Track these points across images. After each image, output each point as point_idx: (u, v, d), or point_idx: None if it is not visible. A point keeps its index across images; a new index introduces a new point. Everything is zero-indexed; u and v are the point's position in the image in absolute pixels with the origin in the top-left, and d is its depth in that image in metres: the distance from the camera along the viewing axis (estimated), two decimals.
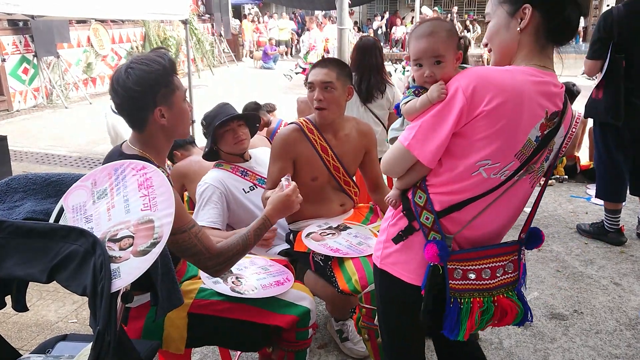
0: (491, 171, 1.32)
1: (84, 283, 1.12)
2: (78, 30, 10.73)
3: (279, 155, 2.30)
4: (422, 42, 1.40)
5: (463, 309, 1.38)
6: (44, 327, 2.78)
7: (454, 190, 1.36)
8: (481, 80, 1.27)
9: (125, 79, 1.51)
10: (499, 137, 1.28)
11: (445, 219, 1.38)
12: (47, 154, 6.61)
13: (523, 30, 1.33)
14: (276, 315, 1.84)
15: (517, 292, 1.48)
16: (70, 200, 1.31)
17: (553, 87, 1.33)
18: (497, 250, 1.42)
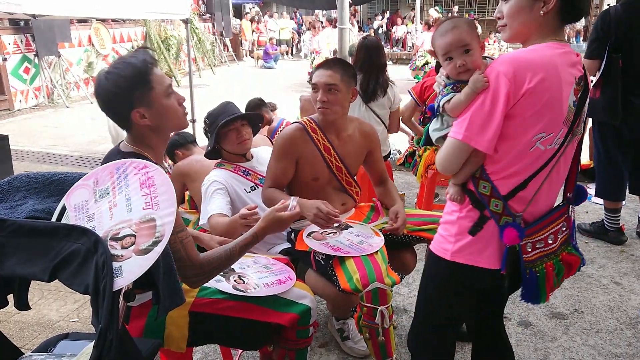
0: (547, 142, 1.43)
1: (86, 281, 1.13)
2: (79, 29, 10.74)
3: (282, 155, 2.30)
4: (448, 35, 1.50)
5: (540, 276, 1.52)
6: (45, 326, 2.79)
7: (517, 171, 1.45)
8: (518, 63, 1.38)
9: (104, 83, 1.52)
10: (548, 109, 1.38)
11: (512, 200, 1.48)
12: (48, 153, 6.62)
13: (546, 13, 1.43)
14: (277, 314, 1.84)
15: (573, 244, 1.64)
16: (72, 199, 1.32)
17: (573, 56, 1.46)
18: (555, 215, 1.54)
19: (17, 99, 9.37)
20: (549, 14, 1.43)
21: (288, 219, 1.78)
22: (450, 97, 1.48)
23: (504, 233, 1.46)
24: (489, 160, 1.47)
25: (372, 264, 2.03)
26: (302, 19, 21.98)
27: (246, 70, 15.90)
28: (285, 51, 19.11)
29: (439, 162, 1.53)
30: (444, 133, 1.55)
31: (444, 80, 1.53)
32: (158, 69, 1.60)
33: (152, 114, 1.57)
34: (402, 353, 2.50)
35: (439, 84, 1.55)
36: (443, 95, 1.51)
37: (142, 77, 1.53)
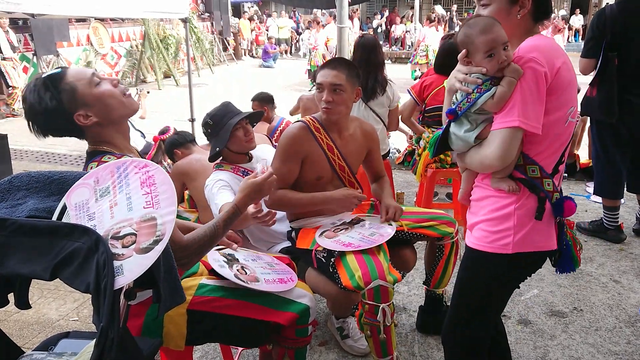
0: (575, 115, 1.56)
1: (87, 280, 1.13)
2: (78, 29, 10.72)
3: (289, 155, 2.29)
4: (491, 33, 1.54)
5: (570, 243, 1.64)
6: (45, 325, 2.79)
7: (557, 148, 1.56)
8: (542, 49, 1.49)
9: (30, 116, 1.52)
10: (570, 86, 1.52)
11: (555, 177, 1.58)
12: (47, 152, 6.61)
13: (522, 17, 1.56)
14: (276, 312, 1.84)
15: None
16: (72, 198, 1.32)
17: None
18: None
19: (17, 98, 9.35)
20: (524, 17, 1.56)
21: (263, 181, 1.74)
22: (493, 91, 1.50)
23: (564, 207, 1.57)
24: (530, 143, 1.53)
25: (374, 262, 2.03)
26: (300, 18, 21.98)
27: (245, 70, 15.90)
28: (284, 50, 19.10)
29: (496, 157, 1.51)
30: (479, 131, 1.56)
31: (479, 78, 1.53)
32: (72, 68, 1.56)
33: (94, 110, 1.52)
34: (402, 351, 2.50)
35: (474, 82, 1.54)
36: (483, 92, 1.51)
37: (58, 85, 1.49)
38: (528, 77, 1.47)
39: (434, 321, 2.60)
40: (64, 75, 1.51)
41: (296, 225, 2.40)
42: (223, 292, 1.84)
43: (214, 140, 2.53)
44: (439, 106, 3.66)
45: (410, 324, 2.73)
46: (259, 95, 4.32)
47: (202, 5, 16.37)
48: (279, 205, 2.31)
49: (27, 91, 1.51)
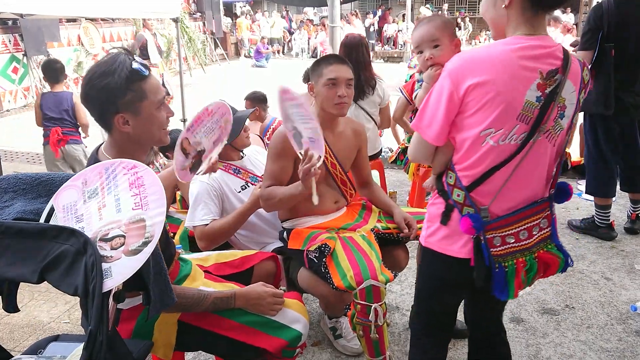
0: (498, 138, 1.43)
1: (75, 283, 1.12)
2: (68, 29, 10.66)
3: (280, 154, 2.27)
4: (420, 29, 1.60)
5: (508, 271, 1.51)
6: (36, 327, 2.77)
7: (473, 164, 1.48)
8: (463, 62, 1.42)
9: (88, 79, 1.47)
10: (492, 106, 1.39)
11: (475, 192, 1.50)
12: (37, 153, 6.55)
13: (508, 6, 1.44)
14: (266, 337, 1.78)
15: (555, 243, 1.60)
16: (60, 199, 1.30)
17: (542, 49, 1.41)
18: (530, 210, 1.52)
19: (6, 99, 9.30)
20: (512, 6, 1.44)
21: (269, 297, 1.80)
22: (419, 91, 1.59)
23: (461, 222, 1.50)
24: (456, 151, 1.52)
25: (365, 262, 2.03)
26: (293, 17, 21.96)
27: (238, 70, 15.86)
28: (276, 50, 19.08)
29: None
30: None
31: (418, 77, 1.64)
32: (155, 78, 1.55)
33: (137, 123, 1.52)
34: (395, 351, 2.50)
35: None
36: (416, 91, 1.63)
37: (137, 84, 1.48)
38: (436, 88, 1.47)
39: None
40: (146, 80, 1.50)
41: (288, 225, 2.40)
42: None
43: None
44: None
45: (403, 323, 2.73)
46: (251, 94, 4.31)
47: (193, 5, 16.32)
48: (268, 203, 2.29)
49: (112, 59, 1.47)
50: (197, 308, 1.69)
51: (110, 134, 1.56)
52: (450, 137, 1.51)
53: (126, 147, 1.56)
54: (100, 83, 1.45)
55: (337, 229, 2.30)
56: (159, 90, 1.55)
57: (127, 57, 1.49)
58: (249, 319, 1.78)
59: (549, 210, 1.58)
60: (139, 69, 1.48)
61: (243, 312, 1.79)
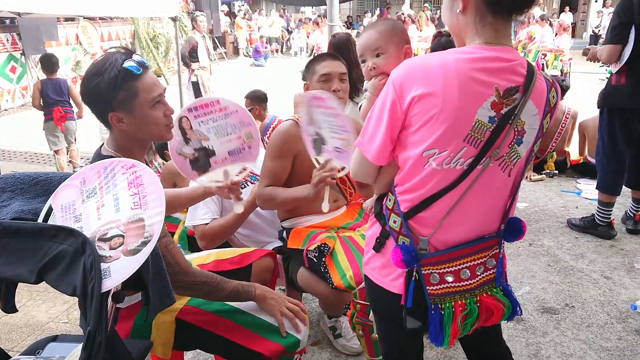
0: (442, 161, 1.23)
1: (74, 283, 1.11)
2: (66, 28, 10.63)
3: (279, 153, 2.27)
4: (362, 36, 1.48)
5: (444, 314, 1.30)
6: (34, 327, 2.76)
7: (414, 187, 1.28)
8: (409, 70, 1.22)
9: (83, 80, 1.51)
10: (437, 123, 1.20)
11: (413, 220, 1.30)
12: (36, 153, 6.55)
13: (463, 11, 1.26)
14: (262, 340, 1.75)
15: (503, 287, 1.38)
16: (59, 199, 1.29)
17: (501, 62, 1.22)
18: (474, 247, 1.31)
19: (4, 98, 9.28)
20: (467, 13, 1.25)
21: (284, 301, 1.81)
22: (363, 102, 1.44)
23: (392, 252, 1.30)
24: (398, 171, 1.33)
25: None
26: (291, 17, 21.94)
27: (236, 69, 15.84)
28: (275, 49, 19.07)
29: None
30: None
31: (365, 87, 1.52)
32: (150, 76, 1.55)
33: (131, 121, 1.54)
34: None
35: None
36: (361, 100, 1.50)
37: (128, 82, 1.49)
38: (379, 99, 1.27)
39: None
40: (139, 79, 1.51)
41: (287, 224, 2.39)
42: (215, 308, 1.78)
43: None
44: None
45: None
46: (252, 93, 4.32)
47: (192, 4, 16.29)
48: (268, 203, 2.29)
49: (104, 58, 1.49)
50: (218, 292, 1.68)
51: (111, 131, 1.60)
52: (394, 154, 1.32)
53: (125, 144, 1.59)
54: (91, 83, 1.48)
55: (336, 228, 2.29)
56: (154, 88, 1.55)
57: (120, 56, 1.50)
58: (248, 321, 1.77)
59: (497, 249, 1.35)
60: (130, 68, 1.49)
61: (243, 313, 1.78)
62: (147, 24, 12.59)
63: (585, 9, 20.93)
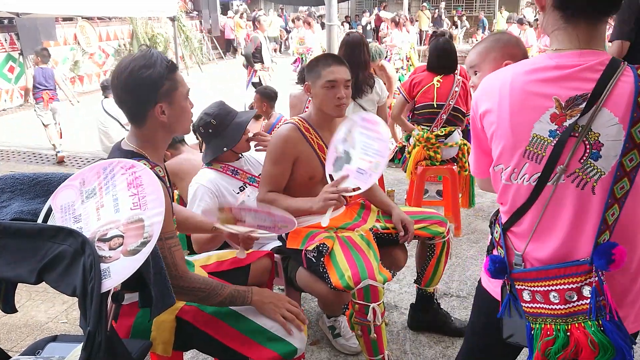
0: (509, 176, 1.23)
1: (74, 283, 1.11)
2: (64, 27, 10.62)
3: (280, 157, 2.26)
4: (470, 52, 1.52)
5: (534, 334, 1.25)
6: (33, 328, 2.76)
7: (502, 200, 1.30)
8: (481, 87, 1.26)
9: (129, 73, 1.52)
10: (497, 139, 1.21)
11: (510, 232, 1.31)
12: (34, 153, 6.55)
13: (540, 11, 1.20)
14: (258, 347, 1.73)
15: (603, 323, 1.18)
16: (58, 200, 1.30)
17: (563, 69, 1.14)
18: (562, 269, 1.21)
19: (2, 98, 9.27)
20: (545, 13, 1.19)
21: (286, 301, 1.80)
22: None
23: (486, 263, 1.31)
24: None
25: (363, 261, 2.02)
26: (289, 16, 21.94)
27: (235, 68, 15.82)
28: (273, 49, 19.07)
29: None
30: None
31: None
32: (180, 72, 1.65)
33: (172, 112, 1.59)
34: (394, 349, 2.50)
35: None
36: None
37: (171, 73, 1.57)
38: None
39: (425, 319, 2.60)
40: (177, 72, 1.62)
41: None
42: (213, 309, 1.77)
43: (217, 139, 2.49)
44: (429, 104, 3.67)
45: (402, 321, 2.73)
46: (262, 89, 4.36)
47: (190, 4, 16.29)
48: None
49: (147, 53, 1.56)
50: (213, 299, 1.68)
51: (142, 126, 1.60)
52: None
53: (154, 138, 1.63)
54: (142, 74, 1.51)
55: (335, 228, 2.29)
56: (184, 82, 1.64)
57: (157, 51, 1.59)
58: (246, 327, 1.75)
59: (595, 276, 1.18)
60: (170, 60, 1.60)
61: (241, 318, 1.77)
62: (146, 24, 12.59)
63: None
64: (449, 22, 19.22)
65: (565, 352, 1.21)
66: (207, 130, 2.49)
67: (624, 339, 1.17)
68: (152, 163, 1.56)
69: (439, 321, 2.60)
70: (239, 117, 2.52)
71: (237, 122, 2.46)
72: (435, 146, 3.68)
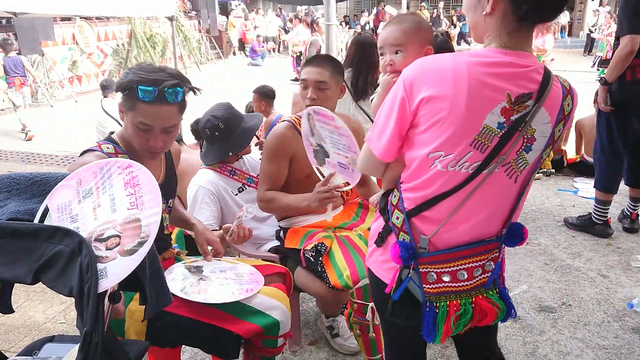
0: (447, 163, 1.24)
1: (70, 284, 1.11)
2: (63, 27, 10.60)
3: (276, 155, 2.27)
4: (386, 29, 1.47)
5: (439, 313, 1.32)
6: (31, 328, 2.75)
7: (419, 186, 1.30)
8: (421, 70, 1.23)
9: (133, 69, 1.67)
10: (444, 126, 1.20)
11: (417, 218, 1.32)
12: (32, 153, 6.54)
13: (489, 14, 1.24)
14: (235, 321, 1.72)
15: (499, 289, 1.39)
16: (55, 199, 1.29)
17: (516, 67, 1.21)
18: (474, 249, 1.32)
19: (0, 98, 9.23)
20: (494, 16, 1.23)
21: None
22: (374, 96, 1.45)
23: (391, 248, 1.32)
24: (405, 169, 1.35)
25: (362, 261, 2.02)
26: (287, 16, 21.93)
27: (233, 68, 15.82)
28: (272, 48, 19.05)
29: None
30: None
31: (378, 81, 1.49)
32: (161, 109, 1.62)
33: (126, 122, 1.68)
34: None
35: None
36: (374, 94, 1.48)
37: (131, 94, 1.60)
38: (389, 95, 1.28)
39: None
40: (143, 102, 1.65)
41: (284, 224, 2.39)
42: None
43: (222, 143, 2.48)
44: None
45: None
46: (260, 88, 4.36)
47: (189, 4, 16.26)
48: (269, 207, 2.31)
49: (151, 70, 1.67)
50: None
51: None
52: (402, 152, 1.33)
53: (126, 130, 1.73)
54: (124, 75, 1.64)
55: (333, 228, 2.29)
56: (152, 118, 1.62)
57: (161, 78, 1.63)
58: (223, 305, 1.73)
59: (497, 252, 1.35)
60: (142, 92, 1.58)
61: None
62: (144, 24, 12.56)
63: (582, 7, 20.94)
64: (447, 22, 19.21)
65: (472, 320, 1.35)
66: (214, 133, 2.48)
67: (510, 300, 1.41)
68: (119, 149, 1.70)
69: None
70: (246, 121, 2.50)
71: (245, 128, 2.45)
72: None
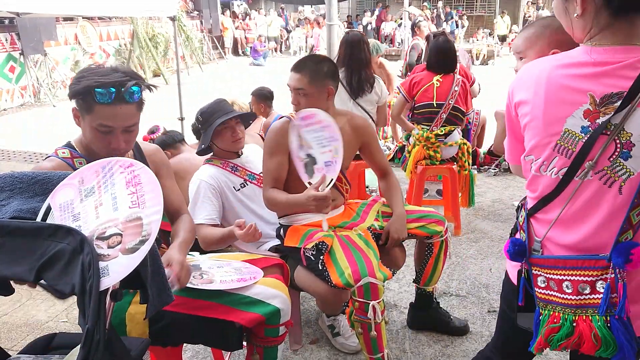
0: (538, 167, 1.25)
1: (72, 282, 1.11)
2: (65, 27, 10.63)
3: (274, 150, 2.29)
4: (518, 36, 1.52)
5: (541, 320, 1.28)
6: (34, 327, 2.76)
7: (531, 187, 1.33)
8: (518, 76, 1.28)
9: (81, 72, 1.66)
10: (531, 130, 1.23)
11: (533, 218, 1.34)
12: (35, 152, 6.55)
13: (580, 15, 1.17)
14: (237, 312, 1.73)
15: (611, 320, 1.19)
16: (57, 198, 1.30)
17: (602, 66, 1.13)
18: (579, 261, 1.22)
19: (3, 98, 9.27)
20: (586, 15, 1.16)
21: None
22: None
23: (506, 245, 1.35)
24: None
25: (363, 259, 2.03)
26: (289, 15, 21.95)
27: (235, 68, 15.83)
28: (273, 48, 19.07)
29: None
30: None
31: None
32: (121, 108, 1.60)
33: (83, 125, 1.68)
34: (393, 348, 2.51)
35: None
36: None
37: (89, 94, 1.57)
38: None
39: (425, 318, 2.61)
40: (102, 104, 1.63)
41: (285, 222, 2.40)
42: (181, 292, 1.73)
43: (202, 136, 2.55)
44: (429, 103, 3.68)
45: (401, 320, 2.73)
46: (258, 90, 4.36)
47: (191, 4, 16.28)
48: (271, 206, 2.33)
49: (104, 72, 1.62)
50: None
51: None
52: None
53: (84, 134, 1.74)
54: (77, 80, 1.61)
55: (333, 227, 2.30)
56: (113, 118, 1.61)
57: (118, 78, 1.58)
58: (221, 298, 1.75)
59: (611, 273, 1.18)
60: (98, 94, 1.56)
61: (214, 292, 1.77)
62: (146, 24, 12.58)
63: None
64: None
65: (568, 341, 1.23)
66: (197, 126, 2.62)
67: (628, 339, 1.17)
68: (76, 153, 1.73)
69: (438, 320, 2.60)
70: (224, 116, 2.49)
71: (216, 122, 2.45)
72: (435, 145, 3.68)
